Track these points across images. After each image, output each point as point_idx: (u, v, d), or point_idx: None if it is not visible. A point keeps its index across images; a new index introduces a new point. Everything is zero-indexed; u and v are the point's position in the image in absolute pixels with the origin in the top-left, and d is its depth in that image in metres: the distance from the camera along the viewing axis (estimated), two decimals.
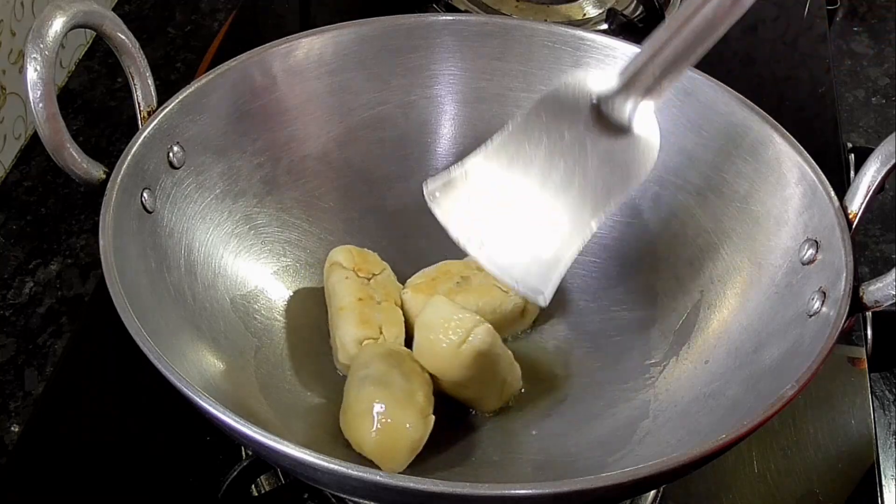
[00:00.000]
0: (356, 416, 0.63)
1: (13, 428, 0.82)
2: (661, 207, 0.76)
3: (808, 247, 0.66)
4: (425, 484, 0.50)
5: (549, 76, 0.79)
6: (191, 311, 0.67)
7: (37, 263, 0.94)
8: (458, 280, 0.74)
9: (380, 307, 0.71)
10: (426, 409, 0.64)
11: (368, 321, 0.69)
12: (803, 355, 0.59)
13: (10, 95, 0.99)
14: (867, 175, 0.65)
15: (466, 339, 0.65)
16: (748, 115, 0.72)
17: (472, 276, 0.74)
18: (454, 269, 0.75)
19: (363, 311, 0.70)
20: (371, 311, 0.70)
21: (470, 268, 0.75)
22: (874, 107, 1.27)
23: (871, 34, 1.39)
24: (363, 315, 0.70)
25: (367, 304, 0.70)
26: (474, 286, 0.73)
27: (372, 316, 0.70)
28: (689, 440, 0.63)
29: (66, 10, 0.62)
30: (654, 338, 0.73)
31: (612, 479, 0.52)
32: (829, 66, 1.10)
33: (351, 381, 0.66)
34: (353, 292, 0.71)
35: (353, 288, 0.71)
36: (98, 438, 0.75)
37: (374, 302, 0.71)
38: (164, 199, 0.68)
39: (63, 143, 0.63)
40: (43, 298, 0.91)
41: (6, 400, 0.83)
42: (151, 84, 0.69)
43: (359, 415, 0.63)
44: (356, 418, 0.63)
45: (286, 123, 0.77)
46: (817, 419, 0.78)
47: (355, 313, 0.70)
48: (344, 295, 0.71)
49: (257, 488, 0.71)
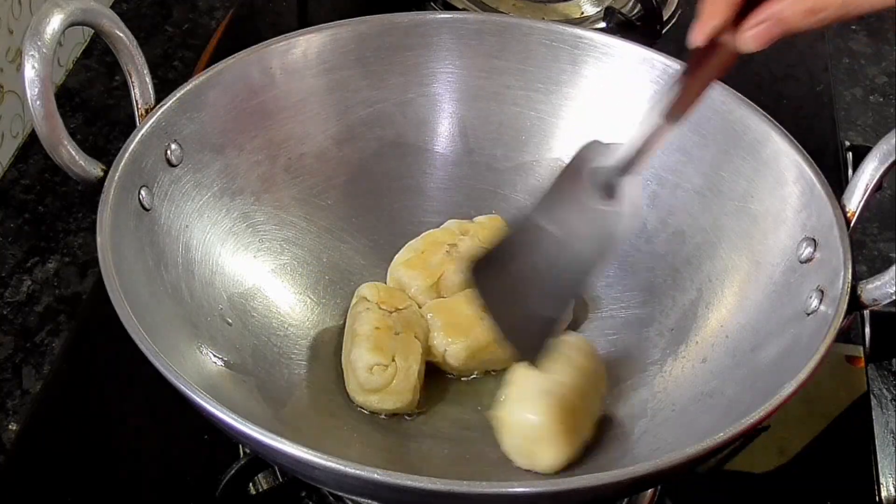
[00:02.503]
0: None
1: (11, 426, 0.82)
2: (659, 206, 0.76)
3: (806, 245, 0.66)
4: (423, 482, 0.50)
5: (547, 74, 0.79)
6: (188, 309, 0.67)
7: (34, 261, 0.94)
8: (447, 248, 0.75)
9: (397, 338, 0.70)
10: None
11: (382, 349, 0.69)
12: (801, 354, 0.59)
13: (8, 94, 0.99)
14: (865, 173, 0.65)
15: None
16: (746, 113, 0.72)
17: (459, 242, 0.75)
18: (440, 237, 0.76)
19: (379, 338, 0.69)
20: (387, 339, 0.69)
21: (453, 234, 0.76)
22: (872, 105, 1.27)
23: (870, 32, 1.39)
24: (378, 342, 0.69)
25: (384, 333, 0.70)
26: (464, 251, 0.74)
27: (387, 344, 0.69)
28: (687, 439, 0.63)
29: (63, 8, 0.62)
30: (652, 336, 0.73)
31: (610, 478, 0.52)
32: (827, 64, 1.10)
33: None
34: (373, 321, 0.70)
35: (374, 318, 0.71)
36: (96, 437, 0.75)
37: (392, 332, 0.70)
38: (161, 197, 0.68)
39: (61, 141, 0.63)
40: (41, 297, 0.91)
41: (4, 398, 0.83)
42: (149, 82, 0.69)
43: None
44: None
45: (284, 121, 0.77)
46: (815, 418, 0.78)
47: (371, 340, 0.69)
48: (363, 323, 0.70)
49: (255, 487, 0.70)
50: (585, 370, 0.67)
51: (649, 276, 0.75)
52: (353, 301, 0.74)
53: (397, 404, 0.69)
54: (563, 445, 0.64)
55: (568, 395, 0.65)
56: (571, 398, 0.65)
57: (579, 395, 0.65)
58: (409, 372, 0.69)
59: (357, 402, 0.70)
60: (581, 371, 0.67)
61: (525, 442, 0.65)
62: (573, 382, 0.66)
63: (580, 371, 0.67)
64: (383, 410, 0.69)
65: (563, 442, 0.64)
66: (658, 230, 0.76)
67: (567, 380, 0.65)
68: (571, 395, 0.65)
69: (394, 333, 0.70)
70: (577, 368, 0.67)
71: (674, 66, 0.75)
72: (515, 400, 0.66)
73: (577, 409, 0.65)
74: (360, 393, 0.69)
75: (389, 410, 0.69)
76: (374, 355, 0.68)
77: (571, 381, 0.66)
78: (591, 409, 0.67)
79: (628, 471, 0.52)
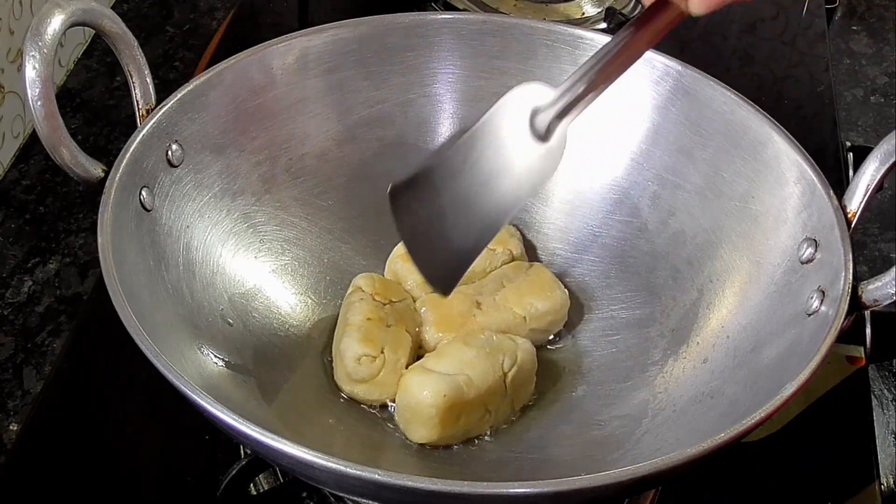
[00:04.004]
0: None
1: (12, 427, 0.82)
2: (660, 206, 0.76)
3: (807, 246, 0.66)
4: (424, 482, 0.50)
5: (548, 74, 0.79)
6: (189, 310, 0.67)
7: (35, 262, 0.94)
8: None
9: (388, 330, 0.70)
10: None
11: (372, 340, 0.69)
12: (802, 354, 0.59)
13: (9, 94, 0.99)
14: (866, 174, 0.65)
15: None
16: (747, 113, 0.72)
17: None
18: None
19: (370, 329, 0.70)
20: (378, 331, 0.70)
21: None
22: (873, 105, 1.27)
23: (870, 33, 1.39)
24: (369, 333, 0.69)
25: (375, 325, 0.70)
26: None
27: (377, 336, 0.69)
28: (688, 439, 0.63)
29: (64, 8, 0.62)
30: (653, 337, 0.73)
31: (611, 479, 0.52)
32: (828, 64, 1.10)
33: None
34: (365, 312, 0.71)
35: (367, 308, 0.71)
36: (97, 437, 0.75)
37: (383, 324, 0.70)
38: (162, 198, 0.68)
39: (62, 142, 0.63)
40: (42, 297, 0.91)
41: (5, 399, 0.83)
42: (150, 82, 0.69)
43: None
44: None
45: (285, 122, 0.77)
46: (816, 418, 0.78)
47: (361, 331, 0.69)
48: (356, 313, 0.71)
49: (256, 487, 0.70)
50: (501, 375, 0.68)
51: (650, 277, 0.75)
52: (349, 290, 0.74)
53: (383, 395, 0.69)
54: (433, 430, 0.66)
55: (465, 390, 0.66)
56: (469, 393, 0.66)
57: (478, 394, 0.66)
58: (398, 365, 0.69)
59: (344, 391, 0.70)
60: (496, 374, 0.67)
61: (407, 412, 0.67)
62: (482, 383, 0.67)
63: (495, 373, 0.67)
64: (369, 401, 0.70)
65: (436, 427, 0.66)
66: (659, 230, 0.76)
67: (476, 377, 0.66)
68: (470, 390, 0.66)
69: (385, 325, 0.70)
70: (494, 369, 0.68)
71: (674, 67, 0.75)
72: (424, 371, 0.67)
73: (469, 404, 0.66)
74: (347, 382, 0.70)
75: (375, 401, 0.70)
76: (363, 346, 0.69)
77: (480, 381, 0.67)
78: (490, 410, 0.68)
79: (628, 471, 0.52)
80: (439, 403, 0.65)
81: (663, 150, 0.76)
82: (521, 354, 0.69)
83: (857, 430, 0.78)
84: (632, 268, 0.77)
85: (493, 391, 0.67)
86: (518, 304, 0.73)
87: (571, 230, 0.79)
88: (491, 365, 0.68)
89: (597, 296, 0.77)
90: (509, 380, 0.68)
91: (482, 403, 0.67)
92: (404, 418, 0.68)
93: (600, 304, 0.77)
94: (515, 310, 0.73)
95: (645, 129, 0.77)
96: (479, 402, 0.67)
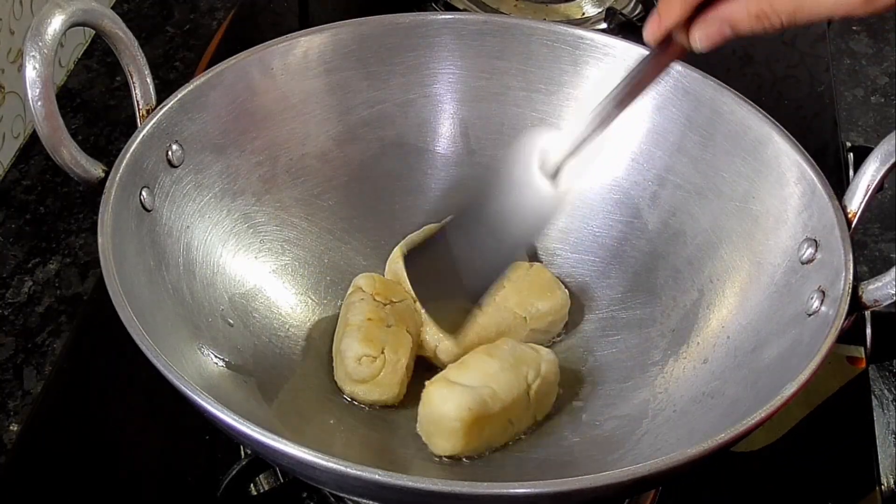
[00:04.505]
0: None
1: (12, 427, 0.82)
2: (660, 207, 0.76)
3: (808, 246, 0.66)
4: (424, 483, 0.50)
5: (549, 75, 0.79)
6: (189, 310, 0.67)
7: (36, 262, 0.94)
8: None
9: (389, 330, 0.70)
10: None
11: (373, 340, 0.69)
12: (802, 355, 0.59)
13: (9, 94, 0.99)
14: (866, 174, 0.65)
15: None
16: (747, 114, 0.72)
17: None
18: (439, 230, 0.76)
19: (370, 329, 0.69)
20: (378, 331, 0.70)
21: None
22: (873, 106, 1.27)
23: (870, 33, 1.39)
24: (369, 334, 0.69)
25: (375, 325, 0.70)
26: None
27: (377, 336, 0.69)
28: (689, 439, 0.63)
29: (64, 8, 0.62)
30: (654, 337, 0.73)
31: (611, 479, 0.52)
32: (829, 64, 1.10)
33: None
34: (366, 312, 0.71)
35: (367, 309, 0.71)
36: (97, 437, 0.75)
37: (384, 324, 0.70)
38: (162, 198, 0.68)
39: (62, 142, 0.63)
40: (42, 297, 0.91)
41: (5, 399, 0.83)
42: (150, 82, 0.69)
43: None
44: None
45: (285, 122, 0.77)
46: (816, 419, 0.78)
47: (361, 331, 0.69)
48: (356, 313, 0.71)
49: (256, 487, 0.70)
50: (526, 387, 0.67)
51: (650, 277, 0.75)
52: (350, 290, 0.74)
53: (383, 396, 0.69)
54: (457, 443, 0.65)
55: (490, 403, 0.65)
56: (493, 407, 0.65)
57: (503, 406, 0.66)
58: (398, 365, 0.69)
59: (344, 392, 0.70)
60: (520, 386, 0.67)
61: (430, 425, 0.66)
62: (507, 395, 0.66)
63: (519, 385, 0.67)
64: (369, 401, 0.70)
65: (459, 441, 0.65)
66: (659, 231, 0.76)
67: (501, 390, 0.66)
68: (494, 403, 0.65)
69: (385, 325, 0.70)
70: (518, 381, 0.67)
71: (675, 67, 0.75)
72: (448, 383, 0.66)
73: (493, 417, 0.66)
74: (348, 382, 0.70)
75: (375, 402, 0.70)
76: (363, 346, 0.69)
77: (505, 394, 0.66)
78: (513, 422, 0.67)
79: (629, 471, 0.52)
80: (464, 417, 0.64)
81: (664, 151, 0.76)
82: (544, 366, 0.69)
83: (858, 431, 0.78)
84: (632, 268, 0.77)
85: (517, 403, 0.67)
86: (519, 304, 0.73)
87: (572, 230, 0.79)
88: (515, 377, 0.67)
89: (597, 296, 0.77)
90: (533, 392, 0.68)
91: (506, 416, 0.66)
92: (427, 431, 0.67)
93: (600, 304, 0.77)
94: (516, 310, 0.73)
95: (645, 129, 0.77)
96: (503, 415, 0.66)
